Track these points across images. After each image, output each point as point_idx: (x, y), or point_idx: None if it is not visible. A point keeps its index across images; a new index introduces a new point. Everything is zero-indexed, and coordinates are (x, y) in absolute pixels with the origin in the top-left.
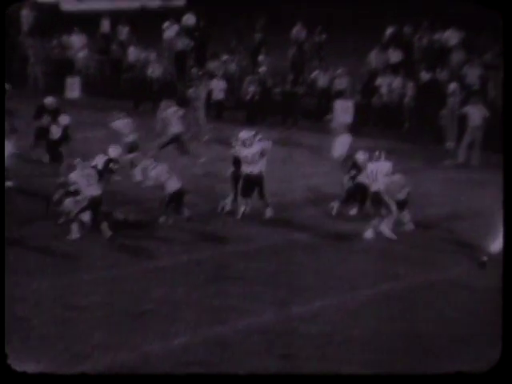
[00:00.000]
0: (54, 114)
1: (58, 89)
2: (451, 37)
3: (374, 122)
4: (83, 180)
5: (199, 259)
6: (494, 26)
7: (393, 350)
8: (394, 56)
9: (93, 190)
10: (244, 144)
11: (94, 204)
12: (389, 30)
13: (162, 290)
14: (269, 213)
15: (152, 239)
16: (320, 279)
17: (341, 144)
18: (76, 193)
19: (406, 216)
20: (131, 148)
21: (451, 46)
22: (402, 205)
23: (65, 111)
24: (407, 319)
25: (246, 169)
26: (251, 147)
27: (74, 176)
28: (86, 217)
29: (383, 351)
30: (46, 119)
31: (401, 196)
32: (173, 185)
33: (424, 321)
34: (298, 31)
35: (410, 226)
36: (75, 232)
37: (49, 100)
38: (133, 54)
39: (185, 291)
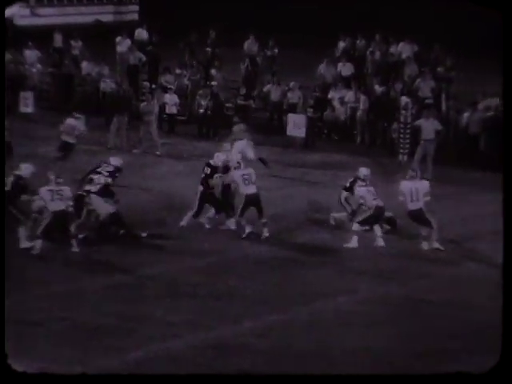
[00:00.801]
0: None
1: (11, 103)
2: (404, 50)
3: (327, 135)
4: (49, 195)
5: (154, 274)
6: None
7: (345, 363)
8: (347, 69)
9: (56, 205)
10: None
11: (57, 219)
12: (341, 44)
13: (117, 305)
14: (266, 232)
15: (107, 254)
16: (275, 294)
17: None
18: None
19: (379, 230)
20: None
21: (404, 59)
22: (376, 218)
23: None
24: (360, 333)
25: (246, 190)
26: (246, 168)
27: (42, 191)
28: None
29: (336, 365)
30: None
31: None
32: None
33: (378, 334)
34: (250, 45)
35: (380, 242)
36: (37, 248)
37: None
38: (86, 68)
39: (140, 306)
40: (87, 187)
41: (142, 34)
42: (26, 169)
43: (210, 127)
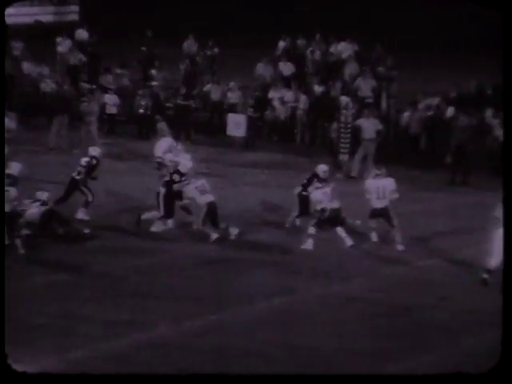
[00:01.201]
0: None
1: None
2: (344, 49)
3: (268, 135)
4: None
5: (96, 273)
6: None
7: (289, 362)
8: (287, 69)
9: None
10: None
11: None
12: (281, 43)
13: (56, 304)
14: (235, 231)
15: (49, 252)
16: (216, 293)
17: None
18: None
19: (342, 231)
20: None
21: (344, 58)
22: (333, 220)
23: None
24: (300, 332)
25: (205, 199)
26: (197, 180)
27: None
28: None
29: (279, 364)
30: None
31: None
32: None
33: (316, 333)
34: (189, 45)
35: (348, 242)
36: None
37: None
38: (26, 68)
39: (80, 305)
40: None
41: (82, 34)
42: (15, 167)
43: (149, 127)
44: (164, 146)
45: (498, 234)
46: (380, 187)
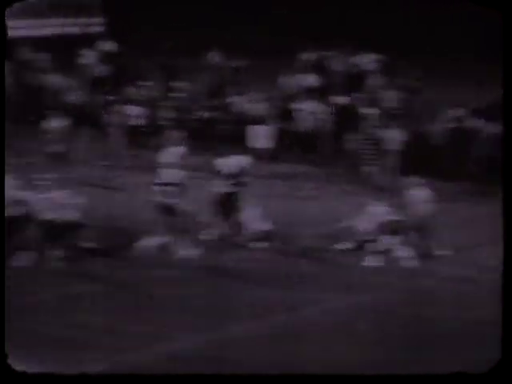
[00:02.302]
0: None
1: None
2: (368, 61)
3: (291, 147)
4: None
5: (117, 283)
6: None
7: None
8: (311, 80)
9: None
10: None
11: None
12: (305, 54)
13: (80, 316)
14: None
15: (73, 264)
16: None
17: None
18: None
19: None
20: None
21: (368, 69)
22: None
23: None
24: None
25: None
26: None
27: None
28: None
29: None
30: None
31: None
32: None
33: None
34: (213, 56)
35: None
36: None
37: None
38: (51, 80)
39: (103, 317)
40: None
41: (106, 46)
42: None
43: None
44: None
45: None
46: (417, 198)
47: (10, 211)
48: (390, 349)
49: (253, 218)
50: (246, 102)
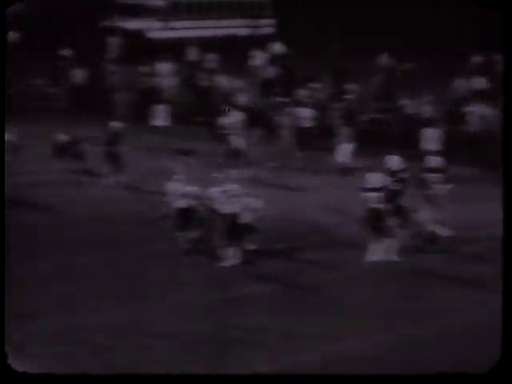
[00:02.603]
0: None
1: (143, 116)
2: None
3: (461, 150)
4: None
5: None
6: None
7: None
8: (480, 83)
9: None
10: None
11: None
12: (476, 58)
13: (250, 318)
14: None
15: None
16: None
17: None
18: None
19: None
20: None
21: None
22: None
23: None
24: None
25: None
26: None
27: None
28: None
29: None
30: None
31: None
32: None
33: None
34: (383, 59)
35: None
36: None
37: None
38: (220, 81)
39: (273, 319)
40: None
41: (277, 48)
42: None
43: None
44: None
45: None
46: None
47: (181, 204)
48: None
49: (429, 220)
50: (416, 105)
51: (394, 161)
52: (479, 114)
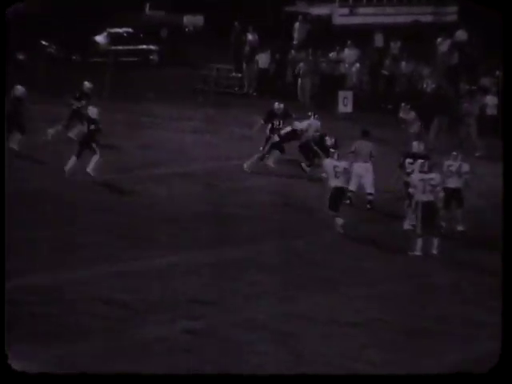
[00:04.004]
0: (284, 117)
1: (328, 103)
2: None
3: None
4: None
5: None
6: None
7: None
8: None
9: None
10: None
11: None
12: None
13: (437, 307)
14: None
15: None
16: None
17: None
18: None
19: None
20: None
21: None
22: None
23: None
24: None
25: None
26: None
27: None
28: None
29: None
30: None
31: None
32: None
33: None
34: None
35: None
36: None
37: (277, 105)
38: (405, 68)
39: (458, 308)
40: None
41: (462, 35)
42: None
43: None
44: None
45: None
46: None
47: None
48: None
49: None
50: None
51: None
52: None
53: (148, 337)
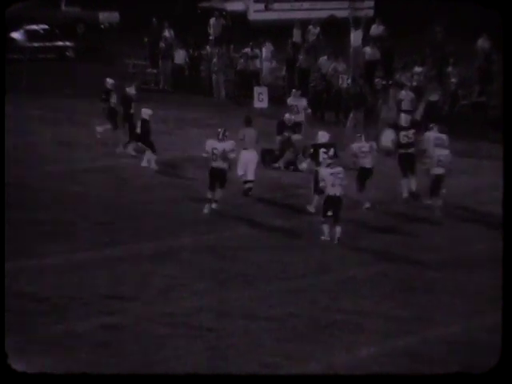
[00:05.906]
0: (294, 128)
1: (243, 99)
2: None
3: None
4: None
5: (387, 270)
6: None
7: None
8: None
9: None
10: None
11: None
12: None
13: (350, 301)
14: None
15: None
16: None
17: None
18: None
19: None
20: None
21: None
22: None
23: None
24: None
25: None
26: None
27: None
28: None
29: None
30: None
31: None
32: None
33: None
34: (483, 41)
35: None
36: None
37: (287, 116)
38: (322, 63)
39: (373, 302)
40: None
41: (376, 29)
42: None
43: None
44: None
45: None
46: None
47: None
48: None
49: None
50: None
51: None
52: None
53: (64, 332)
